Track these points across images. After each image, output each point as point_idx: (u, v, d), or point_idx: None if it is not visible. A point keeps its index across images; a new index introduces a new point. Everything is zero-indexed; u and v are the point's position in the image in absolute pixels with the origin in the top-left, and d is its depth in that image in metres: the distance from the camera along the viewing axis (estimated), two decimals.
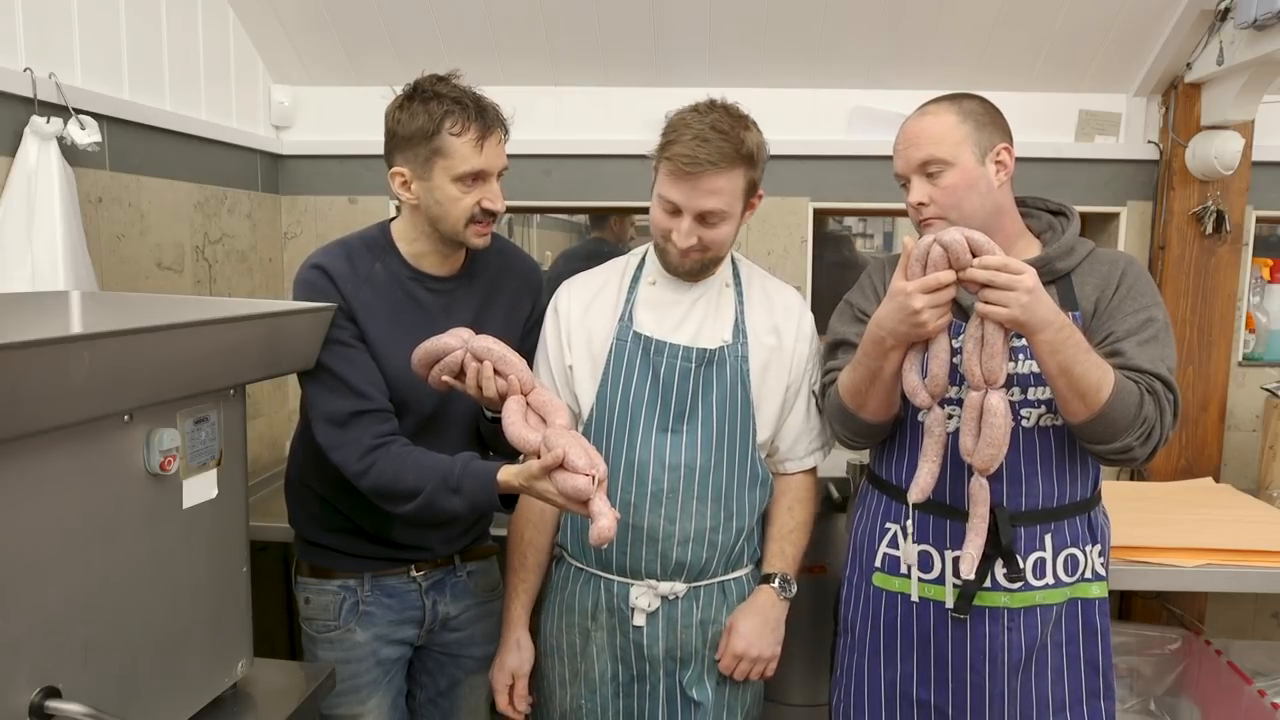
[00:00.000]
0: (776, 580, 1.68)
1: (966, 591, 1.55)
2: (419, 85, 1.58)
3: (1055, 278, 1.56)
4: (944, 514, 1.58)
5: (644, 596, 1.64)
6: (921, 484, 1.46)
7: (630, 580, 1.66)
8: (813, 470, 1.77)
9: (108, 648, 1.14)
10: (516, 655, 1.72)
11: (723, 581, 1.68)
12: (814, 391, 1.71)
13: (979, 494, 1.44)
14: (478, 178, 1.58)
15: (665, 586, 1.64)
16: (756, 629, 1.64)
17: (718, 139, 1.51)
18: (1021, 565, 1.55)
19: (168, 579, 1.23)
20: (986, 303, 1.34)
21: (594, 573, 1.69)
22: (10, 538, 1.00)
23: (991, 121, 1.56)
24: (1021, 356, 1.53)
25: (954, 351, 1.48)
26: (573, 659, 1.70)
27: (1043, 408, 1.54)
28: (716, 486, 1.63)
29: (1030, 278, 1.33)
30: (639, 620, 1.65)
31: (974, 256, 1.35)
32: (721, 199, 1.55)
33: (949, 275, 1.36)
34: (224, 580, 1.36)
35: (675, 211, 1.57)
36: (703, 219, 1.56)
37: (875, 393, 1.51)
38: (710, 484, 1.63)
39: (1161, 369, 1.48)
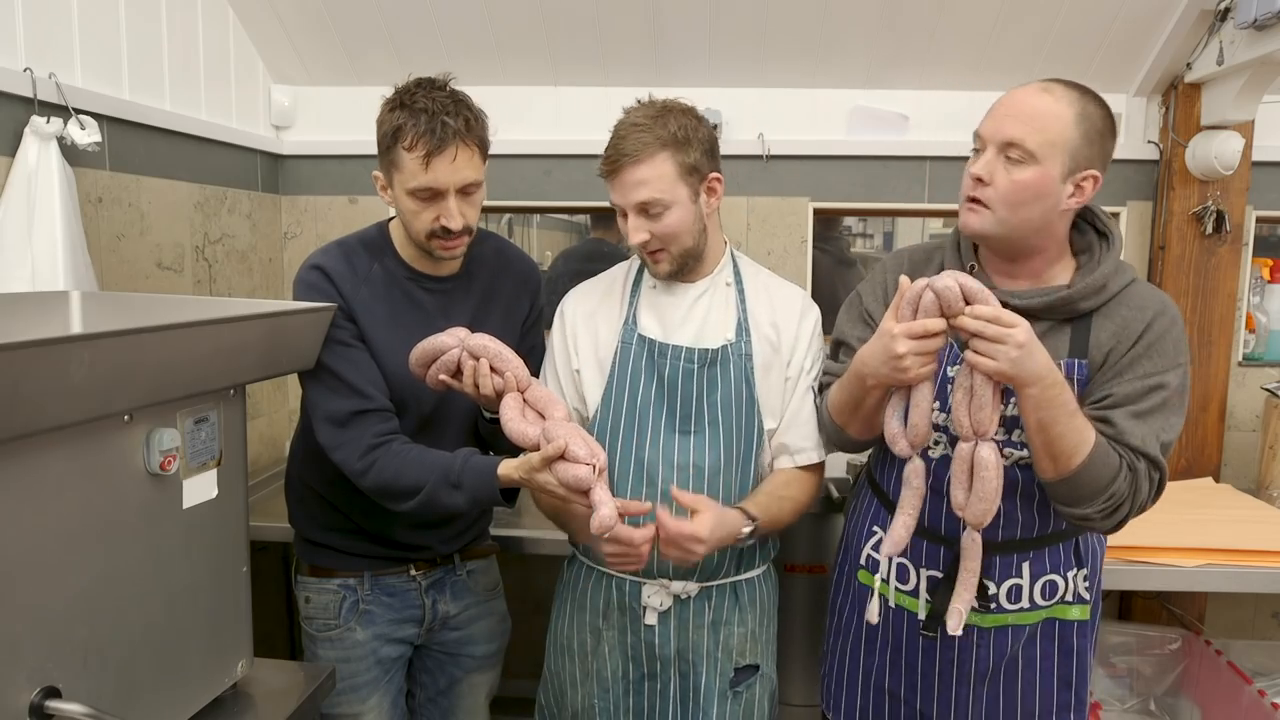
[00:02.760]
0: (749, 516, 1.57)
1: (936, 612, 1.54)
2: (399, 90, 1.56)
3: (1074, 316, 1.46)
4: (920, 534, 1.54)
5: (656, 595, 1.64)
6: (895, 538, 1.41)
7: (642, 579, 1.65)
8: (816, 468, 1.71)
9: (108, 648, 1.14)
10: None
11: (735, 582, 1.68)
12: (812, 388, 1.70)
13: (970, 549, 1.39)
14: (431, 195, 1.54)
15: (678, 585, 1.64)
16: (711, 525, 1.50)
17: (633, 132, 1.54)
18: (994, 592, 1.53)
19: (168, 579, 1.23)
20: (976, 353, 1.29)
21: (606, 571, 1.68)
22: (10, 538, 1.00)
23: (1101, 140, 1.39)
24: (1012, 399, 1.44)
25: (940, 386, 1.43)
26: (584, 658, 1.70)
27: (1024, 450, 1.47)
28: (728, 485, 1.63)
29: (1022, 332, 1.26)
30: (650, 619, 1.64)
31: (968, 304, 1.29)
32: (650, 188, 1.54)
33: (938, 324, 1.30)
34: (224, 580, 1.35)
35: (624, 214, 1.58)
36: (644, 211, 1.56)
37: (858, 419, 1.52)
38: (720, 483, 1.63)
39: (1152, 447, 1.39)
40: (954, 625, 1.40)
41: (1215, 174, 2.58)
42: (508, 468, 1.46)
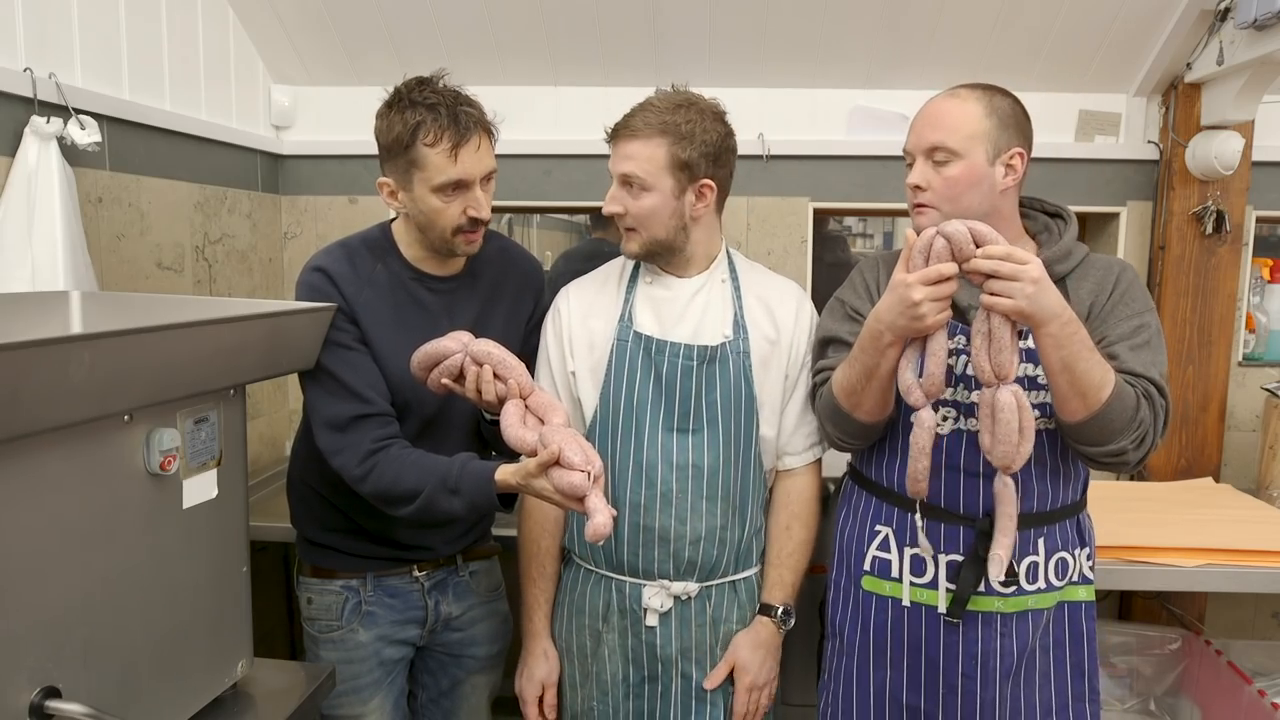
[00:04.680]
0: (778, 613, 1.69)
1: (960, 595, 1.54)
2: (398, 92, 1.55)
3: (1052, 281, 1.53)
4: (937, 517, 1.57)
5: (657, 597, 1.63)
6: (917, 475, 1.42)
7: (642, 581, 1.65)
8: (814, 466, 1.74)
9: (108, 648, 1.14)
10: (544, 665, 1.71)
11: (734, 580, 1.68)
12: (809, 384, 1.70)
13: (1003, 492, 1.41)
14: (458, 187, 1.54)
15: (678, 586, 1.64)
16: (761, 660, 1.66)
17: (643, 110, 1.59)
18: (1016, 570, 1.54)
19: (168, 579, 1.23)
20: (991, 294, 1.32)
21: (604, 574, 1.68)
22: (10, 538, 1.00)
23: (1016, 124, 1.52)
24: (1018, 360, 1.51)
25: (952, 351, 1.45)
26: (583, 660, 1.70)
27: (1037, 412, 1.50)
28: (726, 484, 1.63)
29: (1036, 268, 1.30)
30: (651, 621, 1.64)
31: (978, 247, 1.32)
32: (635, 164, 1.57)
33: (950, 267, 1.33)
34: (224, 580, 1.35)
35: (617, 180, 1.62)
36: (627, 184, 1.59)
37: (871, 391, 1.48)
38: (719, 482, 1.63)
39: (1155, 374, 1.46)
40: (995, 572, 1.41)
41: (1215, 174, 2.58)
42: (505, 473, 1.45)
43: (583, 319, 1.70)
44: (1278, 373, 2.82)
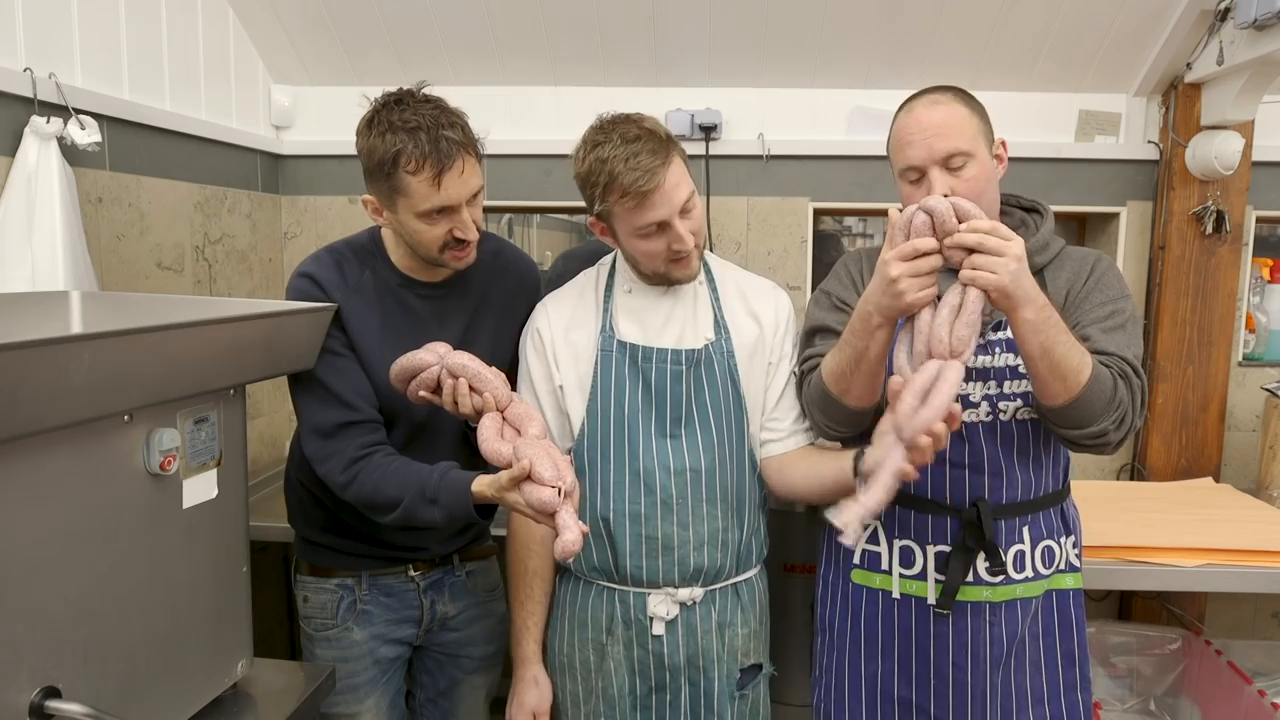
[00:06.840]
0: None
1: (949, 587, 1.55)
2: (377, 111, 1.51)
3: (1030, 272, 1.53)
4: (925, 509, 1.58)
5: (663, 604, 1.62)
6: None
7: (647, 589, 1.64)
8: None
9: (108, 648, 1.14)
10: (536, 692, 1.69)
11: (736, 583, 1.68)
12: (794, 371, 1.68)
13: (897, 451, 1.30)
14: (443, 211, 1.52)
15: (684, 592, 1.63)
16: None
17: (644, 145, 1.51)
18: (1003, 559, 1.56)
19: (168, 579, 1.23)
20: (974, 269, 1.28)
21: (606, 586, 1.66)
22: (10, 538, 1.00)
23: (986, 115, 1.55)
24: (998, 350, 1.52)
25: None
26: (586, 676, 1.68)
27: (1018, 401, 1.53)
28: (724, 486, 1.63)
29: (1019, 245, 1.28)
30: (658, 629, 1.63)
31: (960, 223, 1.30)
32: (685, 186, 1.55)
33: (928, 243, 1.30)
34: (224, 580, 1.36)
35: (663, 226, 1.54)
36: (685, 214, 1.55)
37: (860, 376, 1.46)
38: (717, 483, 1.62)
39: (1128, 354, 1.45)
40: (840, 519, 1.30)
41: (1215, 174, 2.58)
42: (481, 485, 1.45)
43: (564, 332, 1.67)
44: (1278, 373, 2.82)
